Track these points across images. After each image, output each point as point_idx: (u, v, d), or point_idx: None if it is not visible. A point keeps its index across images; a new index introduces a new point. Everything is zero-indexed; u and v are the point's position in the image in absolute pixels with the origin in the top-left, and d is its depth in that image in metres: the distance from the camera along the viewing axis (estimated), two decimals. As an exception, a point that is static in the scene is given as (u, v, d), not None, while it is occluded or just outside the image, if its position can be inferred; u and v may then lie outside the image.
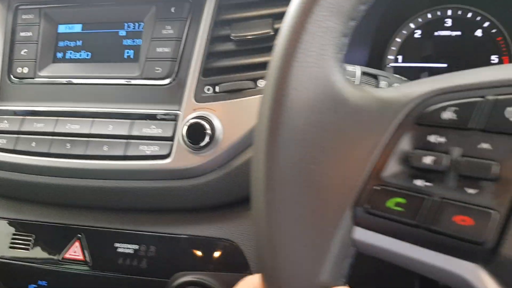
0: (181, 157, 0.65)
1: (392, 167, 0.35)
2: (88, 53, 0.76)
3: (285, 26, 0.38)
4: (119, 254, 0.69)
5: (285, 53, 0.37)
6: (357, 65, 0.56)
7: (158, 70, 0.69)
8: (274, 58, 0.38)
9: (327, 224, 0.35)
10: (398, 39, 0.77)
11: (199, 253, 0.66)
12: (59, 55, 0.77)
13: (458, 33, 0.74)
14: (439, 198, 0.32)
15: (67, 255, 0.72)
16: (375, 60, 0.76)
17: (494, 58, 0.72)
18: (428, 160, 0.33)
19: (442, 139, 0.33)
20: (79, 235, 0.72)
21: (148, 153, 0.66)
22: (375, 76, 0.47)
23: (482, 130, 0.32)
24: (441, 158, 0.33)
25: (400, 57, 0.77)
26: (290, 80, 0.36)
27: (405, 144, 0.35)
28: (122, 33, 0.74)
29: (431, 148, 0.34)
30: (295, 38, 0.37)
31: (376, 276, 0.62)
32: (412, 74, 0.76)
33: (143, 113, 0.68)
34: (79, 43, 0.76)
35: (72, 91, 0.74)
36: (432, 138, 0.34)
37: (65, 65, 0.76)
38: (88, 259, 0.71)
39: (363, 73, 0.47)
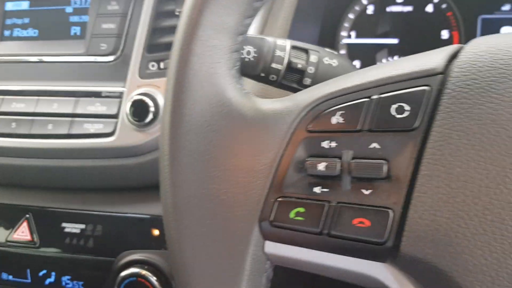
0: (125, 134, 0.64)
1: (291, 177, 0.34)
2: (36, 30, 0.74)
3: (174, 50, 0.37)
4: (66, 233, 0.68)
5: (176, 76, 0.36)
6: (309, 42, 0.55)
7: (103, 46, 0.68)
8: (168, 82, 0.37)
9: (238, 241, 0.35)
10: (350, 15, 0.76)
11: (145, 231, 0.65)
12: (7, 33, 0.75)
13: (410, 8, 0.73)
14: (337, 203, 0.32)
15: (15, 236, 0.71)
16: (327, 37, 0.75)
17: (445, 33, 0.71)
18: (321, 166, 0.33)
19: (333, 144, 0.33)
20: (27, 215, 0.71)
21: (92, 131, 0.65)
22: (305, 50, 0.46)
23: (370, 131, 0.32)
24: (334, 163, 0.33)
25: (353, 33, 0.76)
26: (184, 104, 0.36)
27: (301, 152, 0.34)
28: (69, 9, 0.73)
29: (324, 154, 0.33)
30: (184, 61, 0.36)
31: None
32: (365, 50, 0.76)
33: (88, 91, 0.67)
34: (26, 20, 0.75)
35: (19, 69, 0.72)
36: (325, 144, 0.33)
37: (12, 43, 0.74)
38: (36, 239, 0.70)
39: (293, 47, 0.46)
